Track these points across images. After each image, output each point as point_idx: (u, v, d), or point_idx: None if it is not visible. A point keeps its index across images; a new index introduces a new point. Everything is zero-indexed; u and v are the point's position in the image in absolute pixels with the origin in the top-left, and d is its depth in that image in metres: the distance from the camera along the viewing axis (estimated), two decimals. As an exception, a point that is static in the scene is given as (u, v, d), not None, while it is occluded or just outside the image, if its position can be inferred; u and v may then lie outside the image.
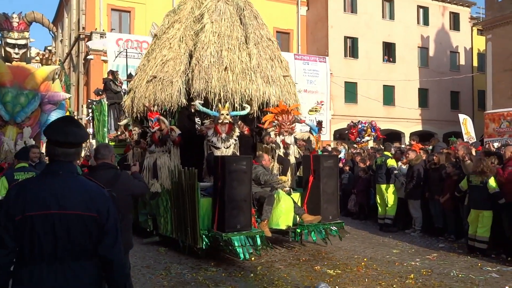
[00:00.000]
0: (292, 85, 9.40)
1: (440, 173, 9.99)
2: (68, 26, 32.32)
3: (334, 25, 31.34)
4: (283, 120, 8.71)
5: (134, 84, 9.75)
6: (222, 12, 9.14)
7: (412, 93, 33.40)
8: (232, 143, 8.42)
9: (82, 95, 27.88)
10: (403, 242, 9.82)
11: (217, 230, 7.48)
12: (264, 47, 9.15)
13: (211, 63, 8.52)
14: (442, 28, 34.72)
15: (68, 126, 2.69)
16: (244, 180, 7.43)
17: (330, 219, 8.58)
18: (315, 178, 8.51)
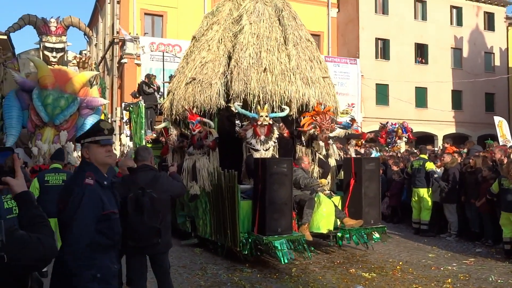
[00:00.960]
0: (331, 86, 9.31)
1: (476, 177, 9.83)
2: (102, 30, 32.99)
3: (365, 27, 31.12)
4: (321, 120, 8.60)
5: (173, 86, 9.81)
6: (261, 13, 9.09)
7: (445, 95, 32.85)
8: (271, 145, 8.36)
9: (116, 98, 28.42)
10: (438, 246, 9.71)
11: (257, 233, 7.44)
12: (303, 48, 9.08)
13: (250, 65, 8.48)
14: (476, 28, 34.05)
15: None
16: (284, 183, 7.36)
17: (372, 224, 8.46)
18: (356, 181, 8.39)
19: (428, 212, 10.89)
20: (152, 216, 4.49)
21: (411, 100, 31.69)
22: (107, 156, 3.24)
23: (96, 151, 3.19)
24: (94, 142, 3.18)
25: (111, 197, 3.22)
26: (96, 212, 3.03)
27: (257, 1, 9.30)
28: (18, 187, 2.19)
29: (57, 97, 18.83)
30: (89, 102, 19.63)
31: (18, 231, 1.98)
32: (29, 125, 18.83)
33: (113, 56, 28.83)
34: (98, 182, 3.12)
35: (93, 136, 3.20)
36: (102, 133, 3.20)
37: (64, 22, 20.61)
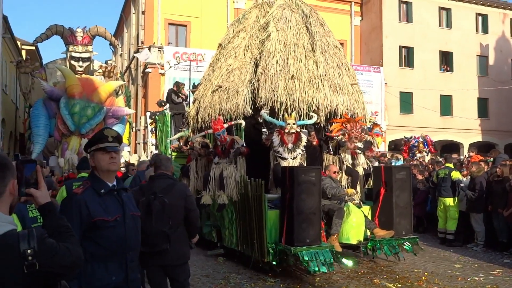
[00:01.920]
0: (359, 93, 9.16)
1: (503, 186, 9.66)
2: (127, 40, 33.48)
3: (389, 35, 30.91)
4: (351, 128, 8.42)
5: (199, 94, 9.77)
6: (288, 20, 8.99)
7: (471, 102, 32.36)
8: (298, 154, 8.19)
9: (140, 107, 28.74)
10: (465, 256, 9.56)
11: (285, 244, 7.26)
12: (331, 55, 8.96)
13: (277, 72, 8.36)
14: (503, 36, 33.52)
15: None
16: (313, 192, 7.21)
17: (404, 234, 8.21)
18: (386, 190, 8.16)
19: (454, 221, 10.73)
20: (160, 219, 4.52)
21: (435, 108, 31.30)
22: (111, 163, 3.21)
23: (100, 158, 3.21)
24: (98, 149, 3.21)
25: (114, 204, 3.17)
26: (83, 219, 3.02)
27: (284, 7, 9.21)
28: (42, 198, 2.24)
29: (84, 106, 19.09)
30: (115, 112, 19.88)
31: (48, 238, 2.01)
32: (55, 134, 19.13)
33: (137, 65, 29.21)
34: (94, 190, 3.13)
35: (97, 144, 3.22)
36: (106, 140, 3.21)
37: (90, 32, 20.94)
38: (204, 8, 28.51)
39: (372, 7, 32.07)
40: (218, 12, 28.84)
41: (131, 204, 3.35)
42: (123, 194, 3.28)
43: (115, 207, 3.18)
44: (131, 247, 3.22)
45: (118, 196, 3.24)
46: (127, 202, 3.27)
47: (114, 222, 3.10)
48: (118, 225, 3.12)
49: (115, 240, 3.10)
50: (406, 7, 31.65)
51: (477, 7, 32.93)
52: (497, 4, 33.43)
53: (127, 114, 20.51)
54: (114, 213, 3.14)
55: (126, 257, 3.18)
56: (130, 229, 3.20)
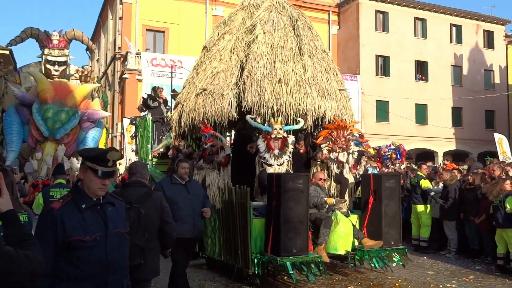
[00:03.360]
0: (347, 99, 8.96)
1: (475, 194, 9.81)
2: (104, 46, 33.13)
3: (366, 44, 31.30)
4: (337, 136, 8.19)
5: (182, 98, 9.42)
6: (275, 23, 8.74)
7: (445, 111, 32.95)
8: (285, 160, 7.94)
9: (117, 113, 28.40)
10: (438, 263, 9.62)
11: (271, 254, 6.96)
12: (319, 59, 8.75)
13: (264, 75, 8.08)
14: (476, 46, 34.30)
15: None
16: (300, 200, 6.93)
17: (392, 245, 7.90)
18: (375, 199, 7.89)
19: (427, 229, 10.83)
20: (136, 232, 4.27)
21: (411, 117, 31.76)
22: (100, 188, 2.97)
23: (91, 179, 2.95)
24: (93, 169, 2.95)
25: (95, 221, 2.92)
26: (57, 238, 2.79)
27: (271, 10, 8.98)
28: (3, 206, 2.17)
29: (57, 111, 18.66)
30: (90, 115, 19.47)
31: (5, 246, 1.97)
32: (29, 140, 18.68)
33: (114, 71, 28.91)
34: (74, 204, 2.90)
35: (94, 163, 2.96)
36: (105, 164, 2.96)
37: (67, 35, 20.57)
38: (182, 14, 28.43)
39: (349, 16, 32.45)
40: (196, 19, 28.79)
41: (118, 219, 3.08)
42: (109, 209, 3.02)
43: (97, 224, 2.92)
44: (114, 268, 2.96)
45: (102, 211, 2.98)
46: (113, 217, 3.01)
47: (93, 242, 2.85)
48: (97, 245, 2.87)
49: (93, 261, 2.85)
50: (383, 17, 32.13)
51: (451, 18, 33.64)
52: (470, 16, 34.22)
53: (103, 117, 20.13)
54: (93, 232, 2.88)
55: (107, 280, 2.93)
56: (113, 249, 2.94)
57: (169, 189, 6.05)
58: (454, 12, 33.68)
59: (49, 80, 19.42)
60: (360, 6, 31.47)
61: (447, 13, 33.43)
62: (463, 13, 33.97)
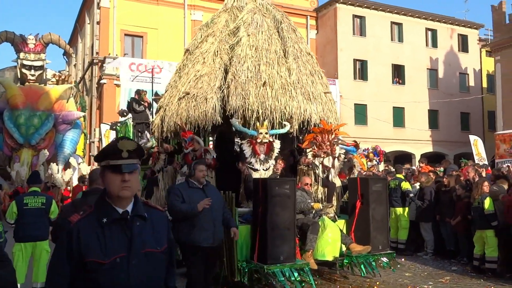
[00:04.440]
0: (332, 102, 8.88)
1: (451, 196, 9.98)
2: (82, 51, 32.74)
3: (344, 48, 31.61)
4: (322, 140, 8.05)
5: (164, 102, 9.19)
6: (259, 25, 8.59)
7: (422, 114, 33.45)
8: (271, 165, 7.80)
9: (94, 118, 28.07)
10: (415, 265, 9.73)
11: (257, 262, 6.71)
12: (303, 62, 8.63)
13: (248, 78, 7.93)
14: (451, 50, 34.94)
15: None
16: (287, 206, 6.74)
17: (380, 249, 7.73)
18: (363, 203, 7.65)
19: (405, 231, 10.93)
20: None
21: (388, 120, 32.15)
22: (123, 187, 2.42)
23: (110, 179, 2.44)
24: (107, 167, 2.45)
25: (118, 239, 2.40)
26: (73, 256, 2.36)
27: (255, 12, 8.85)
28: None
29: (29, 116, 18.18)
30: (65, 117, 18.96)
31: None
32: (5, 149, 18.20)
33: (92, 76, 28.58)
34: (96, 217, 2.41)
35: (106, 159, 2.47)
36: (118, 156, 2.44)
37: (44, 39, 20.23)
38: (160, 19, 28.30)
39: (327, 21, 32.74)
40: (175, 24, 28.70)
41: (150, 236, 2.50)
42: (137, 224, 2.46)
43: (119, 243, 2.39)
44: None
45: (127, 227, 2.44)
46: (141, 234, 2.46)
47: (111, 264, 2.35)
48: (116, 268, 2.36)
49: (111, 287, 2.37)
50: (360, 21, 32.50)
51: (426, 22, 34.22)
52: (445, 20, 34.86)
53: (78, 117, 19.68)
54: (114, 252, 2.37)
55: None
56: (139, 273, 2.40)
57: (186, 194, 5.79)
58: (429, 16, 34.27)
59: (18, 86, 19.02)
60: (337, 11, 31.79)
61: (422, 17, 34.00)
62: (438, 17, 34.60)
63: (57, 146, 18.87)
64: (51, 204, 7.49)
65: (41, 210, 7.34)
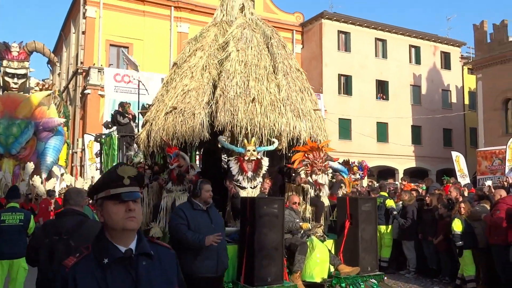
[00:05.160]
0: (322, 120, 8.74)
1: (433, 214, 10.03)
2: (66, 60, 32.48)
3: (328, 63, 31.87)
4: (314, 158, 7.90)
5: (150, 116, 8.92)
6: (249, 40, 8.45)
7: (405, 130, 33.80)
8: (259, 182, 7.61)
9: (78, 129, 27.77)
10: (398, 283, 9.73)
11: (244, 283, 6.53)
12: (293, 78, 8.48)
13: (237, 94, 7.74)
14: (434, 67, 35.47)
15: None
16: (276, 226, 6.57)
17: (369, 271, 7.55)
18: (352, 223, 7.54)
19: (388, 249, 10.94)
20: None
21: (372, 135, 32.41)
22: (128, 217, 2.16)
23: (111, 210, 2.18)
24: (108, 197, 2.21)
25: (121, 282, 2.13)
26: None
27: (244, 27, 8.70)
28: None
29: (7, 125, 17.84)
30: (45, 124, 18.59)
31: None
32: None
33: (76, 86, 28.34)
34: (95, 258, 2.16)
35: (106, 188, 2.24)
36: (120, 183, 2.22)
37: (28, 47, 20.02)
38: (146, 30, 28.25)
39: (313, 36, 33.02)
40: (161, 35, 28.67)
41: (159, 278, 2.24)
42: (143, 264, 2.19)
43: (124, 286, 2.12)
44: None
45: (132, 267, 2.16)
46: (149, 276, 2.19)
47: None
48: None
49: None
50: (345, 37, 32.84)
51: (410, 39, 34.73)
52: (428, 37, 35.42)
53: (59, 124, 19.34)
54: None
55: None
56: None
57: (190, 217, 5.27)
58: (413, 33, 34.79)
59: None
60: (323, 26, 32.09)
61: (406, 34, 34.50)
62: (421, 35, 35.13)
63: (39, 154, 18.53)
64: (29, 220, 7.31)
65: (19, 226, 7.15)
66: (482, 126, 30.60)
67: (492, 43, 30.22)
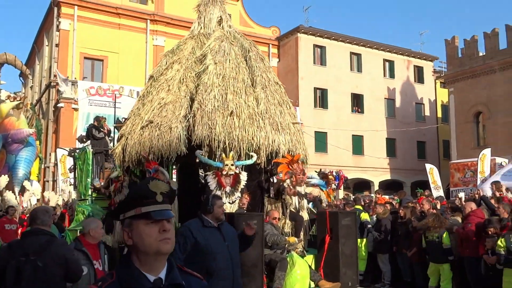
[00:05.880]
0: (301, 133, 8.74)
1: (407, 227, 10.06)
2: (39, 73, 31.92)
3: (304, 77, 32.09)
4: (296, 170, 7.85)
5: (126, 130, 8.82)
6: (227, 53, 8.42)
7: (380, 142, 34.16)
8: (237, 197, 7.51)
9: (50, 143, 27.23)
10: None
11: None
12: (272, 91, 8.48)
13: (215, 108, 7.71)
14: (407, 81, 36.06)
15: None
16: (255, 242, 6.22)
17: (350, 286, 7.53)
18: (332, 238, 7.48)
19: (364, 262, 10.94)
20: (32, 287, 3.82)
21: (348, 148, 32.64)
22: (162, 239, 1.92)
23: (144, 230, 1.92)
24: (139, 216, 1.94)
25: None
26: None
27: (222, 40, 8.68)
28: None
29: (-27, 139, 17.37)
30: (14, 135, 18.02)
31: None
32: (-47, 176, 17.25)
33: (49, 99, 27.85)
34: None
35: (136, 206, 1.95)
36: (152, 200, 1.96)
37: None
38: (122, 43, 28.01)
39: (289, 50, 33.25)
40: (136, 48, 28.44)
41: None
42: None
43: None
44: None
45: None
46: None
47: None
48: None
49: None
50: (320, 51, 33.16)
51: (384, 54, 35.28)
52: (402, 52, 36.04)
53: (28, 135, 18.78)
54: None
55: None
56: None
57: (201, 235, 4.72)
58: (387, 48, 35.36)
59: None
60: (298, 41, 32.35)
61: (380, 49, 35.03)
62: (395, 49, 35.73)
63: (10, 167, 17.99)
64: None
65: None
66: (455, 139, 31.15)
67: (463, 58, 30.91)
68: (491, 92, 28.88)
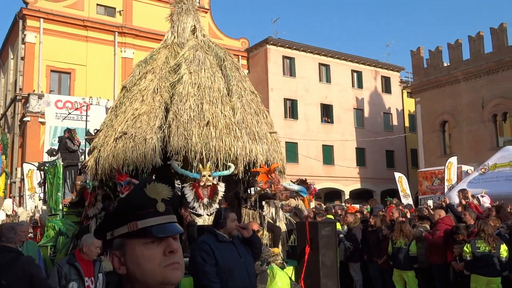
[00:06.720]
0: (278, 142, 8.69)
1: (377, 235, 10.20)
2: (4, 86, 31.15)
3: (274, 88, 32.27)
4: (274, 180, 7.85)
5: (98, 142, 8.61)
6: (202, 62, 8.34)
7: (350, 152, 34.54)
8: (215, 209, 7.17)
9: (16, 157, 26.53)
10: None
11: None
12: (248, 101, 8.48)
13: (191, 118, 7.60)
14: (375, 91, 36.67)
15: None
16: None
17: None
18: (312, 248, 7.41)
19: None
20: None
21: (318, 158, 32.88)
22: (169, 265, 1.45)
23: (142, 253, 1.44)
24: (135, 233, 1.44)
25: None
26: None
27: (196, 49, 8.61)
28: None
29: None
30: None
31: None
32: None
33: (14, 113, 27.16)
34: None
35: (129, 220, 1.45)
36: (151, 210, 1.47)
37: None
38: (89, 55, 27.63)
39: (258, 61, 33.42)
40: (104, 61, 28.08)
41: None
42: None
43: None
44: None
45: None
46: None
47: None
48: None
49: None
50: (290, 62, 33.43)
51: (352, 65, 35.82)
52: (369, 63, 36.67)
53: None
54: None
55: None
56: None
57: (217, 251, 4.40)
58: (355, 59, 35.92)
59: None
60: (268, 52, 32.56)
61: (348, 60, 35.57)
62: (363, 60, 36.33)
63: (-26, 189, 17.45)
64: None
65: None
66: (422, 148, 31.77)
67: (428, 68, 31.65)
68: (456, 102, 29.61)
